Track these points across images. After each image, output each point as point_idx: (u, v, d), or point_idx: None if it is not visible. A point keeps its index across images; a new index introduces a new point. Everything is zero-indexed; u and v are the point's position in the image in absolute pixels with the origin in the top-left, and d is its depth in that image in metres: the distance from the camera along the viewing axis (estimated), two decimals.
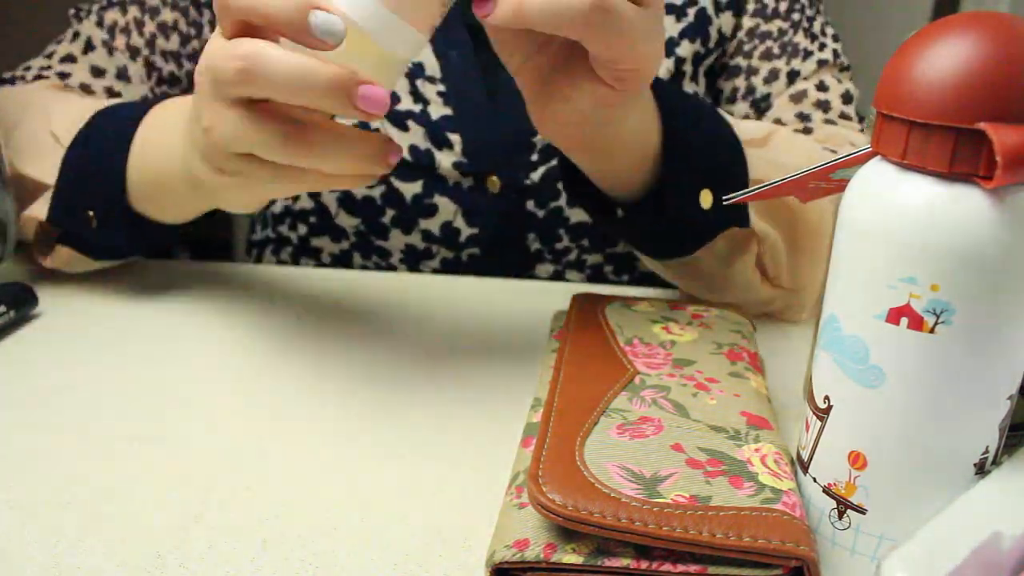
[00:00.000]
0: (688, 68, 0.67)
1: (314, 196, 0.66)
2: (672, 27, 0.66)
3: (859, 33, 0.72)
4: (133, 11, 0.68)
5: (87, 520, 0.37)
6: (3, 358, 0.50)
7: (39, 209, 0.56)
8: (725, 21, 0.68)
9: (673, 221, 0.50)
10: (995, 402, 0.30)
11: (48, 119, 0.58)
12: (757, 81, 0.69)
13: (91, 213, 0.54)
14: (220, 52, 0.37)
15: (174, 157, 0.49)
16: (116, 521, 0.37)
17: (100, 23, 0.68)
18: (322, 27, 0.35)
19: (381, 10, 0.37)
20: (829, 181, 0.37)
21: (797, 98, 0.68)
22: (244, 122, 0.38)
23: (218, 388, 0.48)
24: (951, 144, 0.28)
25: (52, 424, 0.44)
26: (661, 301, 0.49)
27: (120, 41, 0.67)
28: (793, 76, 0.68)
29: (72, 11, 0.70)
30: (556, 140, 0.47)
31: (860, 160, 0.33)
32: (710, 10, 0.67)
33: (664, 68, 0.66)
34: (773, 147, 0.54)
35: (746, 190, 0.41)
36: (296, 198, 0.67)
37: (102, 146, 0.54)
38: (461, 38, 0.64)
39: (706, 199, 0.50)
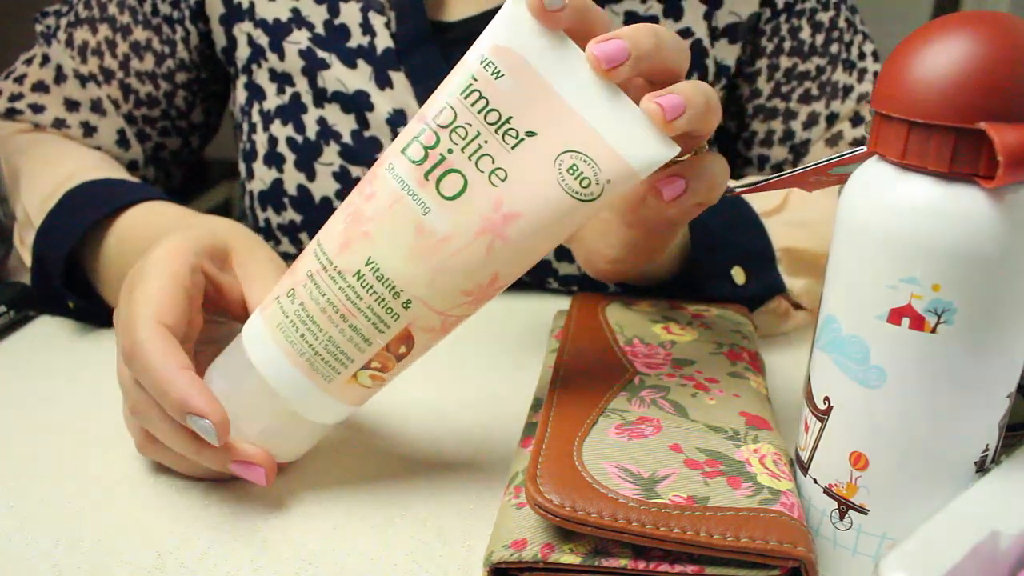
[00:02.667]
0: None
1: (304, 210, 0.65)
2: None
3: None
4: (104, 30, 0.65)
5: (87, 520, 0.37)
6: (3, 358, 0.50)
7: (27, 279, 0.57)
8: (722, 50, 0.65)
9: (710, 299, 0.52)
10: (995, 400, 0.30)
11: (18, 190, 0.58)
12: (796, 126, 0.68)
13: (70, 304, 0.54)
14: (123, 375, 0.38)
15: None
16: (116, 521, 0.37)
17: (70, 44, 0.66)
18: (199, 431, 0.35)
19: (299, 378, 0.36)
20: (829, 176, 0.37)
21: (833, 141, 0.67)
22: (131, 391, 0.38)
23: None
24: (951, 144, 0.28)
25: (52, 424, 0.44)
26: (662, 301, 0.49)
27: (93, 63, 0.65)
28: (832, 119, 0.67)
29: (38, 25, 0.67)
30: (606, 277, 0.49)
31: (858, 159, 0.33)
32: (705, 41, 0.63)
33: None
34: (790, 208, 0.55)
35: (748, 182, 0.41)
36: (283, 211, 0.66)
37: (67, 242, 0.52)
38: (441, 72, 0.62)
39: (739, 276, 0.51)
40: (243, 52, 0.65)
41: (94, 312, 0.54)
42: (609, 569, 0.30)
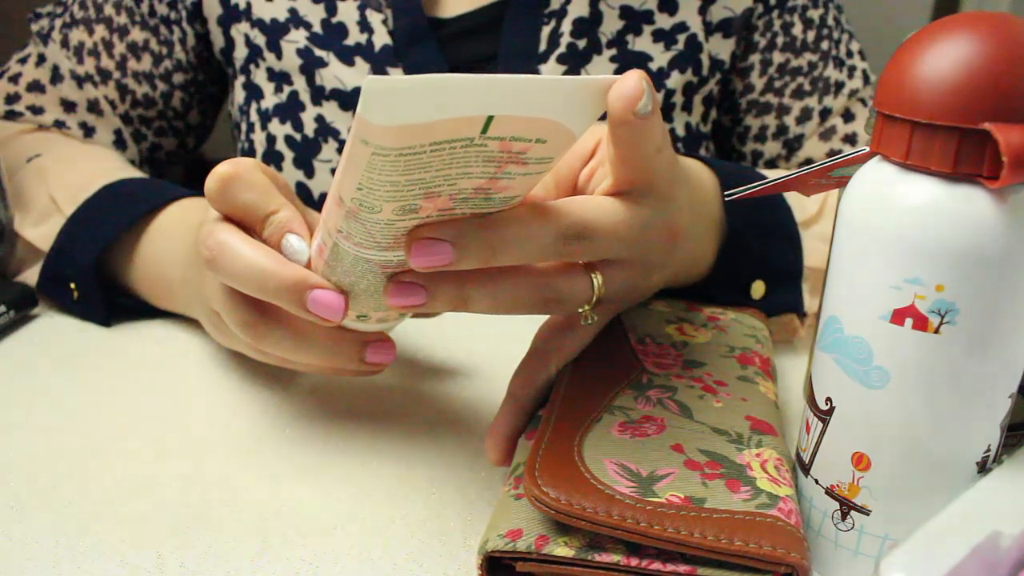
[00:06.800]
0: (678, 99, 0.65)
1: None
2: (661, 56, 0.63)
3: (859, 33, 0.72)
4: (100, 31, 0.65)
5: (87, 520, 0.37)
6: (3, 358, 0.50)
7: (31, 275, 0.57)
8: (717, 45, 0.65)
9: (722, 304, 0.50)
10: (997, 401, 0.30)
11: (44, 178, 0.58)
12: (789, 120, 0.68)
13: (72, 285, 0.54)
14: (202, 233, 0.38)
15: (176, 270, 0.49)
16: (116, 521, 0.37)
17: (65, 44, 0.65)
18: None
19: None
20: (829, 178, 0.37)
21: (826, 136, 0.68)
22: (219, 291, 0.39)
23: (218, 387, 0.48)
24: (955, 144, 0.28)
25: (52, 424, 0.44)
26: (678, 301, 0.49)
27: (89, 64, 0.65)
28: (825, 114, 0.68)
29: (33, 25, 0.67)
30: None
31: (859, 160, 0.33)
32: (700, 36, 0.64)
33: None
34: (827, 217, 0.54)
35: (748, 187, 0.41)
36: None
37: (101, 231, 0.53)
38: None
39: (757, 290, 0.50)
40: (241, 52, 0.65)
41: (95, 305, 0.54)
42: (602, 564, 0.30)
